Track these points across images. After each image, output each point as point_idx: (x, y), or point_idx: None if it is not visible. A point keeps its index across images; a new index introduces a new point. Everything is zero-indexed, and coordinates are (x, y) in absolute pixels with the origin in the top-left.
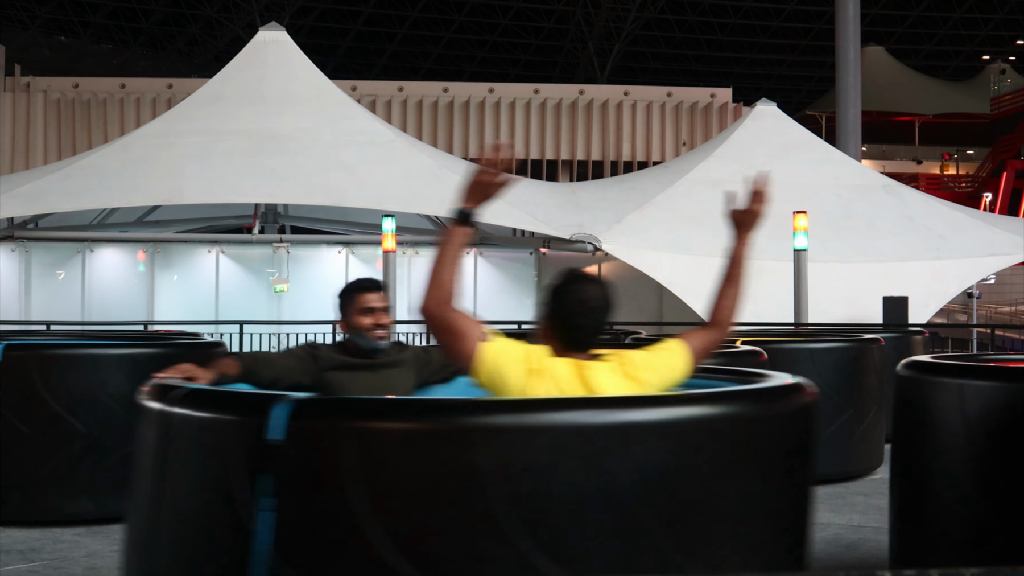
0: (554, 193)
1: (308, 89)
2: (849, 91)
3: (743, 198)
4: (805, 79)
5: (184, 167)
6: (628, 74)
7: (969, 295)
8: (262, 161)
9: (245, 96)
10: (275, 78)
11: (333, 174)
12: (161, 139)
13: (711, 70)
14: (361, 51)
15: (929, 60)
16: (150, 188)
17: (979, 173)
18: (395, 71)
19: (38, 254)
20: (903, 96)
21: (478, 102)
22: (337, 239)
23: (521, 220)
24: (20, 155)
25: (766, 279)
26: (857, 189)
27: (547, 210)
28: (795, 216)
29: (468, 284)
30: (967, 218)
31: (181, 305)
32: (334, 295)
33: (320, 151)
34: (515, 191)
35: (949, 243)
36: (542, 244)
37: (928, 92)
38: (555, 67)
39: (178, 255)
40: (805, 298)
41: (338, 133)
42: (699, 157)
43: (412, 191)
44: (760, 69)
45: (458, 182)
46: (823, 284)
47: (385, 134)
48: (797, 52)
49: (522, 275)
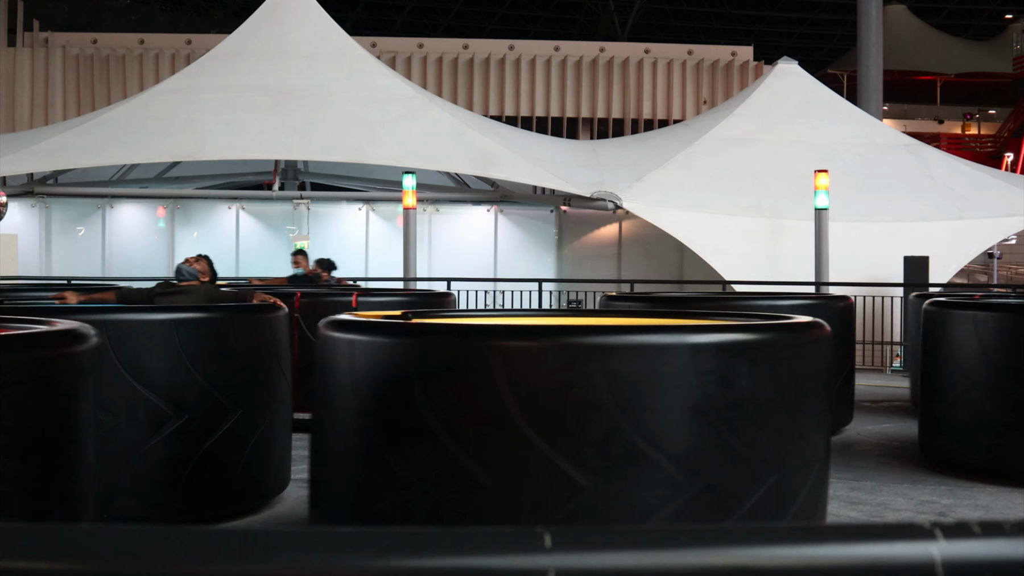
0: (575, 151)
1: (328, 45)
2: (871, 50)
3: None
4: (826, 37)
5: (203, 123)
6: (649, 32)
7: (990, 255)
8: (282, 118)
9: (264, 52)
10: (295, 34)
11: (353, 131)
12: (180, 95)
13: (732, 28)
14: (381, 7)
15: (951, 19)
16: (169, 144)
17: (1001, 133)
18: (415, 28)
19: (58, 210)
20: (925, 55)
21: (498, 59)
22: (357, 196)
23: (542, 178)
24: (39, 111)
25: (787, 238)
26: (878, 148)
27: (568, 168)
28: (816, 175)
29: (489, 242)
30: (988, 178)
31: None
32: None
33: (340, 108)
34: (536, 149)
35: (970, 203)
36: (563, 202)
37: (950, 51)
38: (575, 24)
39: (198, 211)
40: (826, 257)
41: (358, 90)
42: (720, 115)
43: (432, 148)
44: (781, 27)
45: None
46: (844, 243)
47: (405, 91)
48: (819, 10)
49: (543, 233)
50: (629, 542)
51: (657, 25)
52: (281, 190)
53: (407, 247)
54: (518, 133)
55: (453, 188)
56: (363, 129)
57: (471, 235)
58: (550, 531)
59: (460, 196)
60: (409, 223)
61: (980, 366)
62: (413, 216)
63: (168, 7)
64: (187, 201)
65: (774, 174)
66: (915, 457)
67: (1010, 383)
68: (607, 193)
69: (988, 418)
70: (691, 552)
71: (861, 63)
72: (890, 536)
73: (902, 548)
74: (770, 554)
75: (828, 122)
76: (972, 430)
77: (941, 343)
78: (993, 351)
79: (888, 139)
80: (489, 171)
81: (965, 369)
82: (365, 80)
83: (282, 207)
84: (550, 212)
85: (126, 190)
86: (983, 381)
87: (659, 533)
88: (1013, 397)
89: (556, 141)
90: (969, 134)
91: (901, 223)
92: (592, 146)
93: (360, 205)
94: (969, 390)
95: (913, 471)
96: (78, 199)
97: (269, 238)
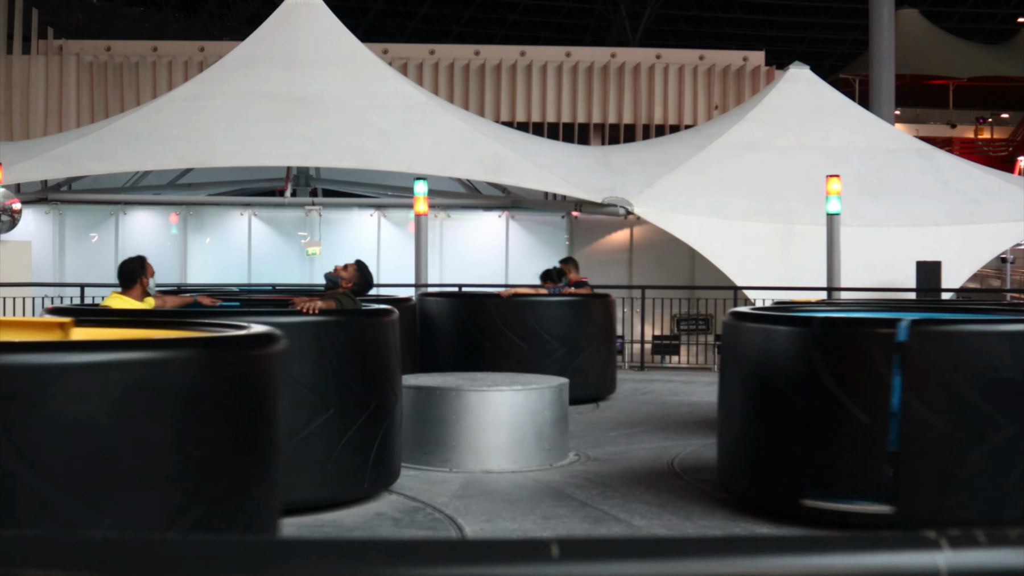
0: (586, 156)
1: (340, 52)
2: (883, 54)
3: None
4: (838, 42)
5: (216, 130)
6: (660, 37)
7: (1003, 260)
8: (294, 124)
9: (277, 59)
10: (307, 41)
11: (365, 137)
12: (193, 102)
13: (744, 33)
14: (392, 14)
15: (964, 23)
16: (182, 151)
17: (1014, 137)
18: (426, 34)
19: (72, 216)
20: (937, 59)
21: (509, 65)
22: (369, 202)
23: (553, 183)
24: (53, 118)
25: (799, 243)
26: (891, 153)
27: (579, 173)
28: (828, 180)
29: (500, 247)
30: (1002, 182)
31: (214, 268)
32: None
33: (352, 114)
34: (547, 154)
35: (983, 207)
36: (574, 207)
37: (962, 55)
38: (587, 30)
39: (211, 218)
40: (838, 263)
41: (370, 96)
42: (732, 121)
43: (444, 154)
44: (793, 32)
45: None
46: (856, 248)
47: (417, 97)
48: (830, 15)
49: (554, 238)
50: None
51: (669, 31)
52: (293, 196)
53: (419, 253)
54: (529, 139)
55: (465, 194)
56: (375, 135)
57: (483, 241)
58: (558, 541)
59: (472, 202)
60: (421, 229)
61: (739, 384)
62: (425, 222)
63: (181, 15)
64: (200, 207)
65: (786, 179)
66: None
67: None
68: (618, 199)
69: (741, 443)
70: (698, 562)
71: (873, 68)
72: (896, 546)
73: (908, 558)
74: (777, 564)
75: (840, 127)
76: (729, 455)
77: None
78: (749, 370)
79: (900, 144)
80: (500, 177)
81: (729, 389)
82: (377, 87)
83: (294, 213)
84: (561, 218)
85: (139, 197)
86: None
87: (666, 543)
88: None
89: (567, 147)
90: (982, 138)
91: (913, 228)
92: (603, 151)
93: (372, 211)
94: (727, 412)
95: (694, 496)
96: (91, 206)
97: (281, 244)
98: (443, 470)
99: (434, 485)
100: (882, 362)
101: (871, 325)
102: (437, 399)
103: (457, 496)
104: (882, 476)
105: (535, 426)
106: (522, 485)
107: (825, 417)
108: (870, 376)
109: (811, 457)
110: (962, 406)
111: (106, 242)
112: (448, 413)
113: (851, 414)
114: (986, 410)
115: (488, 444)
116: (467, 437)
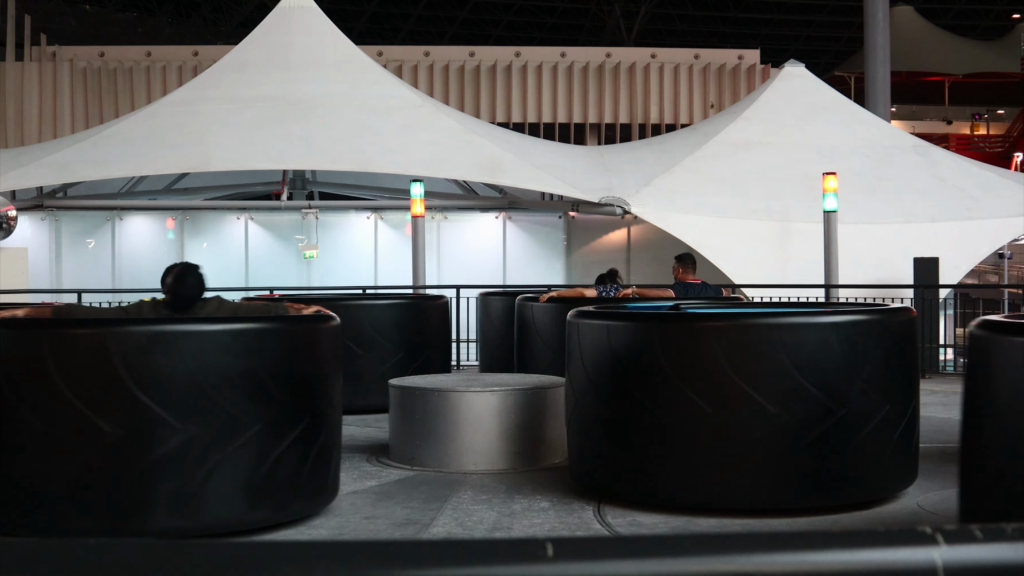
0: (582, 156)
1: (334, 55)
2: (878, 51)
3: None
4: (833, 39)
5: (211, 134)
6: (655, 36)
7: (1000, 256)
8: (289, 127)
9: (271, 63)
10: (301, 44)
11: (361, 140)
12: (188, 107)
13: (738, 31)
14: (387, 16)
15: (958, 19)
16: (177, 156)
17: (1010, 133)
18: (421, 36)
19: (68, 223)
20: (932, 56)
21: (504, 66)
22: (366, 205)
23: (549, 184)
24: (47, 124)
25: (797, 241)
26: (887, 150)
27: (575, 174)
28: (825, 177)
29: (497, 248)
30: (998, 178)
31: (211, 272)
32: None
33: (347, 117)
34: (544, 155)
35: (980, 203)
36: (571, 208)
37: (958, 52)
38: (581, 30)
39: (207, 222)
40: (835, 260)
41: (365, 98)
42: (727, 119)
43: (440, 156)
44: (788, 30)
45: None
46: (853, 245)
47: (412, 99)
48: (825, 12)
49: (551, 239)
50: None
51: (663, 30)
52: (289, 200)
53: (416, 255)
54: (525, 140)
55: (461, 196)
56: (371, 138)
57: (480, 242)
58: (552, 540)
59: (468, 203)
60: (418, 231)
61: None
62: (421, 224)
63: (174, 19)
64: (196, 212)
65: (782, 177)
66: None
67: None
68: (615, 198)
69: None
70: (694, 559)
71: (868, 65)
72: (892, 542)
73: (904, 553)
74: (773, 560)
75: (836, 124)
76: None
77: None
78: (591, 362)
79: (896, 140)
80: (497, 178)
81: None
82: (372, 89)
83: (291, 217)
84: (558, 218)
85: (135, 202)
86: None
87: (661, 541)
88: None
89: (563, 147)
90: (978, 134)
91: (910, 224)
92: (599, 151)
93: (368, 214)
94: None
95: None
96: (87, 212)
97: (278, 248)
98: (428, 470)
99: (416, 486)
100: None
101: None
102: (420, 400)
103: (441, 498)
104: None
105: (523, 426)
106: (510, 485)
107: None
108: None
109: None
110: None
111: (102, 248)
112: (431, 414)
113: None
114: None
115: (471, 444)
116: (451, 438)
